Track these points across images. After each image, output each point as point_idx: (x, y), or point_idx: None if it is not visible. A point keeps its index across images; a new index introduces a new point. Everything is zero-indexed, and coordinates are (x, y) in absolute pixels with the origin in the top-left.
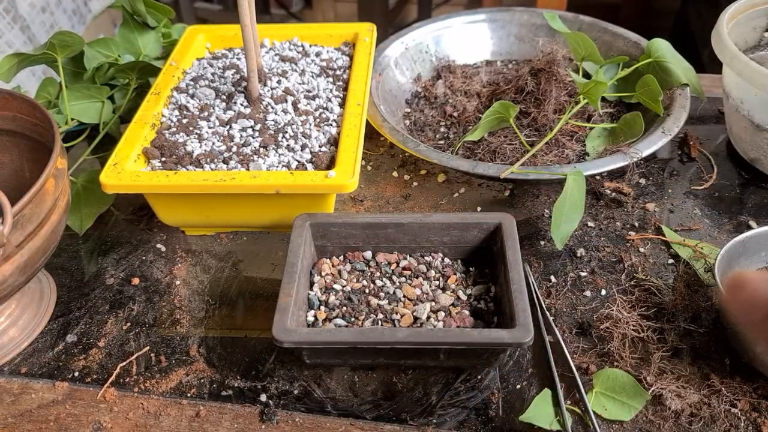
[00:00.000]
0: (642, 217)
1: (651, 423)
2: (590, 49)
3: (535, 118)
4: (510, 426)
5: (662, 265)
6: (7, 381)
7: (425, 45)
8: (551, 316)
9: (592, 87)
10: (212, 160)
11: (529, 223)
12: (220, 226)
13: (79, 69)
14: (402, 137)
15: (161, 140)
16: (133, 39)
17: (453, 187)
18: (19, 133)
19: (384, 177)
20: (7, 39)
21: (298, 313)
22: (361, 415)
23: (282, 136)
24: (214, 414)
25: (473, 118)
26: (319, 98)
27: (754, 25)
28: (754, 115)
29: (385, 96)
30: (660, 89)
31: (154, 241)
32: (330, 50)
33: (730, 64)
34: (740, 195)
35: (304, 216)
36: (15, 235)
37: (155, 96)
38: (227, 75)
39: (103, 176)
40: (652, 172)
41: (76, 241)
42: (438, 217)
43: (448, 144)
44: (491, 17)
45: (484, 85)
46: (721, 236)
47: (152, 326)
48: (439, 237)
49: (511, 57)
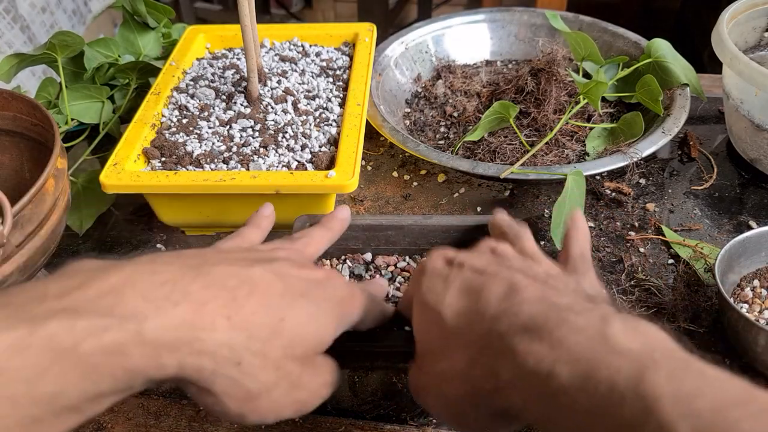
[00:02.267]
0: (642, 217)
1: None
2: (590, 49)
3: (535, 118)
4: None
5: (662, 265)
6: None
7: (425, 45)
8: None
9: (592, 87)
10: (212, 160)
11: (529, 224)
12: (220, 226)
13: (79, 69)
14: (402, 137)
15: (161, 140)
16: (133, 39)
17: (453, 187)
18: (19, 133)
19: (384, 177)
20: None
21: None
22: (361, 415)
23: (282, 136)
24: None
25: (473, 118)
26: (319, 98)
27: (754, 25)
28: (754, 115)
29: (385, 96)
30: (660, 89)
31: (154, 241)
32: (330, 50)
33: (730, 64)
34: (740, 195)
35: (303, 217)
36: (15, 235)
37: (155, 96)
38: (227, 75)
39: (103, 176)
40: (652, 172)
41: (76, 241)
42: (438, 219)
43: (448, 144)
44: (491, 17)
45: (484, 85)
46: (721, 236)
47: None
48: (440, 239)
49: (511, 57)
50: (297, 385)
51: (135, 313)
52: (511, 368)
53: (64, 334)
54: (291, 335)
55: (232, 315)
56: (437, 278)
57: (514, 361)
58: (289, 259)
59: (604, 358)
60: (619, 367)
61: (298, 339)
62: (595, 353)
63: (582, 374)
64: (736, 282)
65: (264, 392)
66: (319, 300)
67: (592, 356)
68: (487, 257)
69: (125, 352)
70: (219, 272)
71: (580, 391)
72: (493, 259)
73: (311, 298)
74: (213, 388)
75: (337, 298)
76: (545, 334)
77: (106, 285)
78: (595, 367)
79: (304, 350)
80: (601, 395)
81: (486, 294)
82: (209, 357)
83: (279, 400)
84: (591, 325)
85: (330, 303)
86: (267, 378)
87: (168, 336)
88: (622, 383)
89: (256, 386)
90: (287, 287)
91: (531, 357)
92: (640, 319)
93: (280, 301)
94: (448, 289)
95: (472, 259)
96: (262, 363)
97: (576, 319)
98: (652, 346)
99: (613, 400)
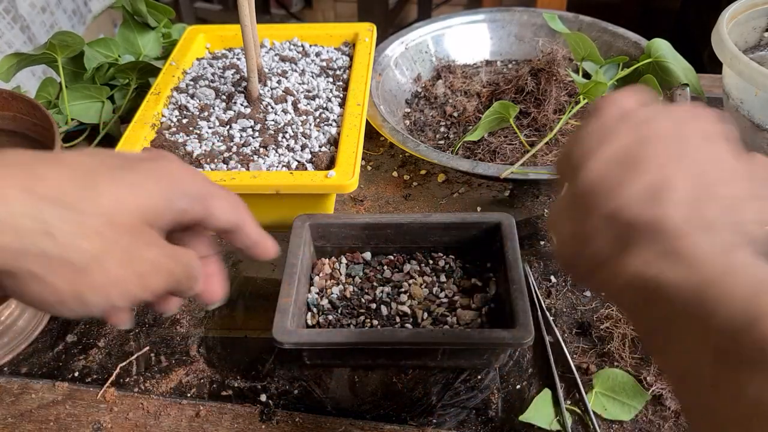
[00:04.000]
0: None
1: (651, 423)
2: (590, 49)
3: (535, 118)
4: (510, 426)
5: None
6: (7, 381)
7: (425, 45)
8: (551, 316)
9: (592, 87)
10: (212, 160)
11: (529, 223)
12: None
13: (79, 69)
14: (402, 137)
15: (161, 140)
16: (133, 39)
17: (453, 187)
18: (19, 133)
19: (384, 177)
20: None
21: (298, 314)
22: (361, 415)
23: (282, 136)
24: (214, 414)
25: (473, 118)
26: (319, 98)
27: (754, 25)
28: (754, 115)
29: (385, 96)
30: (660, 89)
31: None
32: (330, 50)
33: (730, 64)
34: None
35: (303, 217)
36: None
37: (155, 96)
38: (227, 75)
39: None
40: None
41: None
42: (437, 217)
43: (448, 144)
44: (491, 17)
45: (484, 85)
46: None
47: (152, 326)
48: (439, 237)
49: (511, 57)
50: (133, 255)
51: None
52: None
53: None
54: (109, 202)
55: (31, 186)
56: (602, 126)
57: (626, 253)
58: (115, 153)
59: (718, 275)
60: (732, 288)
61: (119, 205)
62: (710, 268)
63: (689, 284)
64: None
65: (93, 262)
66: (142, 170)
67: (706, 271)
68: (679, 115)
69: None
70: (21, 153)
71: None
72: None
73: (132, 170)
74: (33, 270)
75: (167, 170)
76: (668, 243)
77: None
78: (706, 280)
79: (130, 218)
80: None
81: (638, 171)
82: (10, 231)
83: (115, 272)
84: (716, 246)
85: (156, 172)
86: (91, 245)
87: None
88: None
89: (80, 257)
90: (101, 162)
91: (639, 258)
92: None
93: (92, 172)
94: (607, 144)
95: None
96: (80, 230)
97: (703, 236)
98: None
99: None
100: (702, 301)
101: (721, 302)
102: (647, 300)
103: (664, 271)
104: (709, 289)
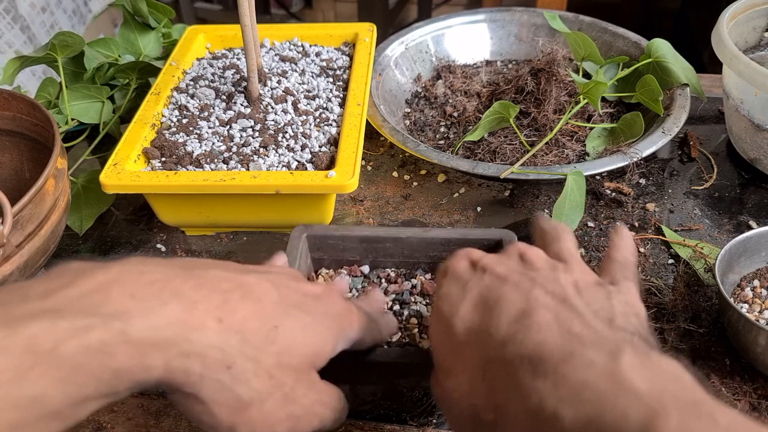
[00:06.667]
0: (642, 217)
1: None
2: (590, 49)
3: (535, 118)
4: None
5: (662, 265)
6: None
7: (425, 45)
8: None
9: (592, 87)
10: (212, 160)
11: (529, 223)
12: (220, 227)
13: (79, 69)
14: (402, 137)
15: (161, 140)
16: (134, 39)
17: (453, 187)
18: (19, 133)
19: (384, 177)
20: (7, 39)
21: None
22: (361, 415)
23: (282, 136)
24: None
25: (473, 118)
26: (319, 98)
27: (754, 25)
28: (754, 115)
29: (385, 96)
30: (660, 89)
31: (154, 241)
32: (330, 50)
33: (730, 64)
34: (740, 195)
35: (300, 227)
36: (15, 236)
37: (155, 96)
38: (227, 75)
39: (103, 176)
40: (652, 172)
41: (76, 241)
42: (437, 232)
43: (448, 144)
44: (491, 17)
45: (484, 85)
46: (721, 236)
47: None
48: (439, 252)
49: (511, 57)
50: (291, 398)
51: (121, 311)
52: (514, 403)
53: (44, 335)
54: (285, 343)
55: (224, 317)
56: (456, 283)
57: (518, 395)
58: (285, 273)
59: (610, 399)
60: (626, 412)
61: (292, 348)
62: (602, 394)
63: (586, 418)
64: (736, 282)
65: (256, 401)
66: (315, 312)
67: (598, 397)
68: (513, 263)
69: (109, 352)
70: (212, 275)
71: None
72: (518, 266)
73: (307, 310)
74: (201, 394)
75: (334, 312)
76: (550, 369)
77: (91, 284)
78: (600, 410)
79: (299, 361)
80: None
81: (498, 312)
82: (198, 359)
83: (272, 412)
84: (600, 360)
85: (326, 317)
86: (259, 385)
87: (155, 336)
88: (633, 426)
89: (248, 393)
90: (282, 297)
91: (534, 394)
92: (652, 351)
93: (274, 308)
94: (464, 299)
95: (497, 264)
96: (255, 369)
97: (584, 352)
98: (662, 386)
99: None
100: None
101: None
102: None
103: (558, 407)
104: (605, 417)
